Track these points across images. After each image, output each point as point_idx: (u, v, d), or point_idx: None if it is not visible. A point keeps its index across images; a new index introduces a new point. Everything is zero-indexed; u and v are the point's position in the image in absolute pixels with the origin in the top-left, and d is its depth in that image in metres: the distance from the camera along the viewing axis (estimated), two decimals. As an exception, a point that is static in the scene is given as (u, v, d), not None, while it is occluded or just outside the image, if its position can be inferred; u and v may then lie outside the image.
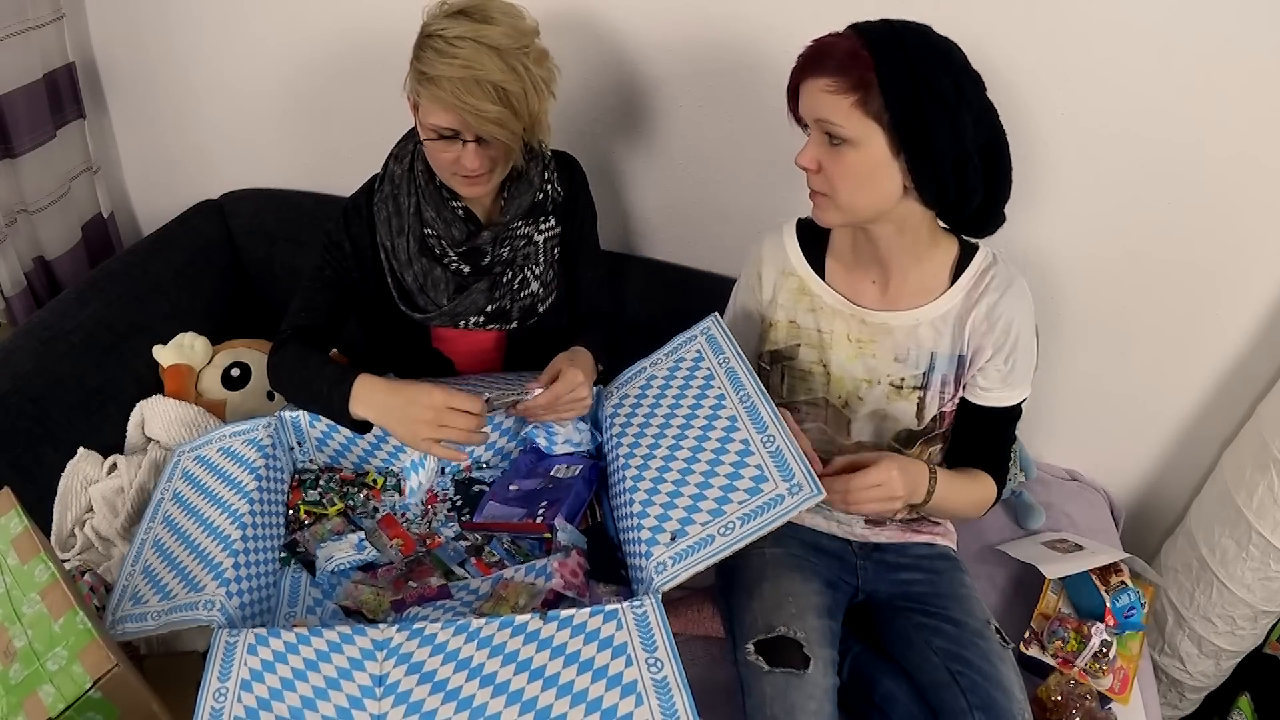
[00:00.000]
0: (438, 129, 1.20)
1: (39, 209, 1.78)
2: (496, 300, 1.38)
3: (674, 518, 1.11)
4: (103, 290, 1.63)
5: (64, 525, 1.39)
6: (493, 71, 1.14)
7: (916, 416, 1.27)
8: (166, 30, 1.79)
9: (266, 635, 1.02)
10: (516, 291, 1.39)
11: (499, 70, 1.15)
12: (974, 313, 1.21)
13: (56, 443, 1.45)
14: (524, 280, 1.39)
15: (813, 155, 1.10)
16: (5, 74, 1.63)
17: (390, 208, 1.34)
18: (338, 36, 1.72)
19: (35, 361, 1.47)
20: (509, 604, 1.18)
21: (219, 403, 1.63)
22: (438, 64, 1.15)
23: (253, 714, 0.93)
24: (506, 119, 1.17)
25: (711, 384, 1.25)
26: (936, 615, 1.25)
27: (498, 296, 1.38)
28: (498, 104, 1.16)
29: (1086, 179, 1.47)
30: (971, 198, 1.10)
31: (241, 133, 1.91)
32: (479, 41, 1.14)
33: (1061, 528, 1.64)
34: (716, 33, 1.52)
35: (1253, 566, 1.53)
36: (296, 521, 1.32)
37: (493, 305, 1.38)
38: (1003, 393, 1.24)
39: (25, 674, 0.90)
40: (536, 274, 1.40)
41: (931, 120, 1.03)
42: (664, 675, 0.95)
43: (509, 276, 1.38)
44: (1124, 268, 1.54)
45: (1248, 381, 1.60)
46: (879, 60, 1.03)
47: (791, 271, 1.29)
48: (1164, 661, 1.71)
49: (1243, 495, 1.52)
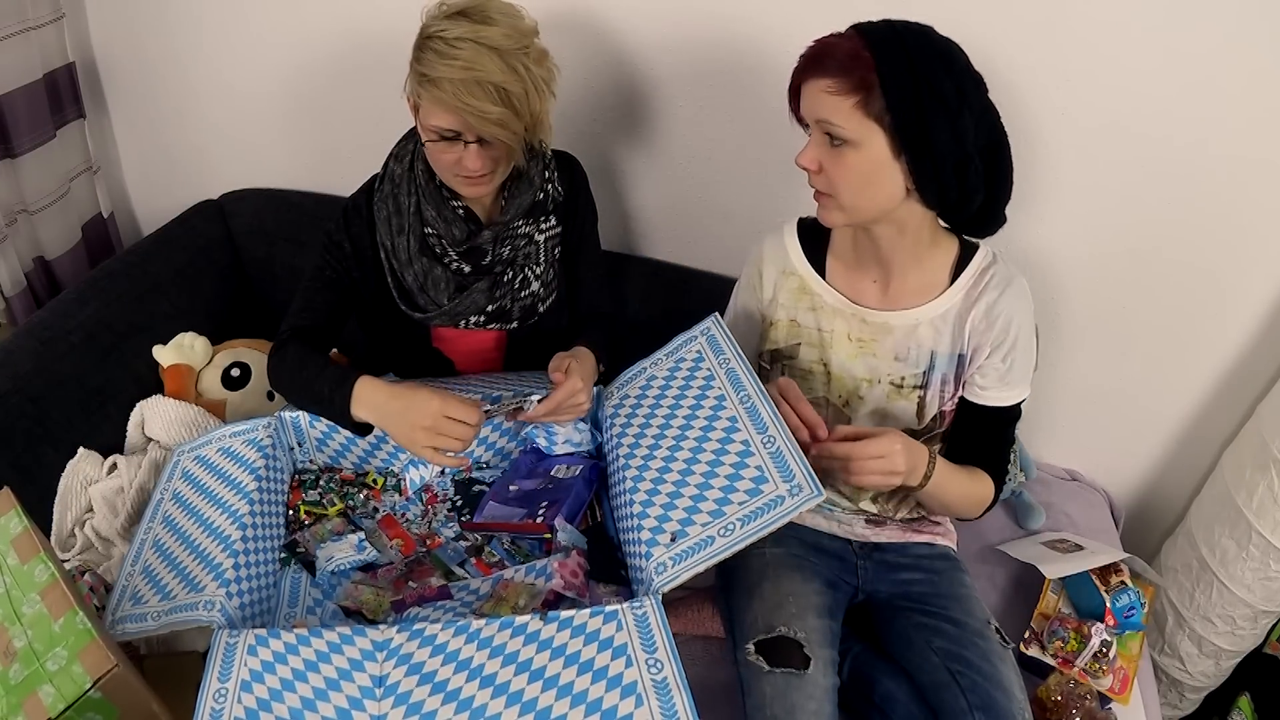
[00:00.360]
0: (439, 130, 1.19)
1: (39, 209, 1.77)
2: (497, 300, 1.38)
3: (674, 518, 1.10)
4: (103, 290, 1.63)
5: (64, 525, 1.39)
6: (493, 72, 1.14)
7: (917, 416, 1.27)
8: (166, 30, 1.79)
9: (267, 636, 1.01)
10: (517, 291, 1.39)
11: (499, 71, 1.14)
12: (974, 311, 1.20)
13: (56, 443, 1.45)
14: (524, 280, 1.39)
15: (813, 156, 1.10)
16: (5, 74, 1.63)
17: (390, 207, 1.33)
18: (337, 37, 1.71)
19: (35, 361, 1.46)
20: (509, 604, 1.17)
21: (219, 403, 1.62)
22: (438, 65, 1.14)
23: (253, 714, 0.92)
24: (508, 119, 1.17)
25: (712, 384, 1.24)
26: (937, 615, 1.25)
27: (498, 296, 1.38)
28: (499, 105, 1.15)
29: (1086, 179, 1.47)
30: (973, 199, 1.10)
31: (241, 133, 1.91)
32: (479, 42, 1.13)
33: (1061, 528, 1.64)
34: (717, 33, 1.52)
35: (1253, 566, 1.52)
36: (296, 522, 1.32)
37: (493, 305, 1.38)
38: (1000, 392, 1.23)
39: (25, 674, 0.90)
40: (537, 273, 1.40)
41: (933, 121, 1.02)
42: (664, 676, 0.94)
43: (509, 276, 1.38)
44: (1124, 267, 1.54)
45: (1248, 381, 1.59)
46: (880, 61, 1.02)
47: (792, 271, 1.29)
48: (1164, 661, 1.71)
49: (1243, 495, 1.52)
